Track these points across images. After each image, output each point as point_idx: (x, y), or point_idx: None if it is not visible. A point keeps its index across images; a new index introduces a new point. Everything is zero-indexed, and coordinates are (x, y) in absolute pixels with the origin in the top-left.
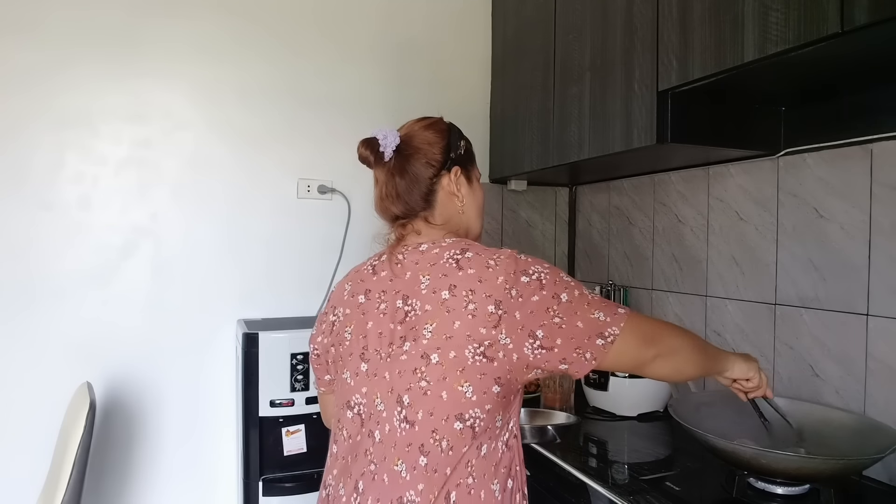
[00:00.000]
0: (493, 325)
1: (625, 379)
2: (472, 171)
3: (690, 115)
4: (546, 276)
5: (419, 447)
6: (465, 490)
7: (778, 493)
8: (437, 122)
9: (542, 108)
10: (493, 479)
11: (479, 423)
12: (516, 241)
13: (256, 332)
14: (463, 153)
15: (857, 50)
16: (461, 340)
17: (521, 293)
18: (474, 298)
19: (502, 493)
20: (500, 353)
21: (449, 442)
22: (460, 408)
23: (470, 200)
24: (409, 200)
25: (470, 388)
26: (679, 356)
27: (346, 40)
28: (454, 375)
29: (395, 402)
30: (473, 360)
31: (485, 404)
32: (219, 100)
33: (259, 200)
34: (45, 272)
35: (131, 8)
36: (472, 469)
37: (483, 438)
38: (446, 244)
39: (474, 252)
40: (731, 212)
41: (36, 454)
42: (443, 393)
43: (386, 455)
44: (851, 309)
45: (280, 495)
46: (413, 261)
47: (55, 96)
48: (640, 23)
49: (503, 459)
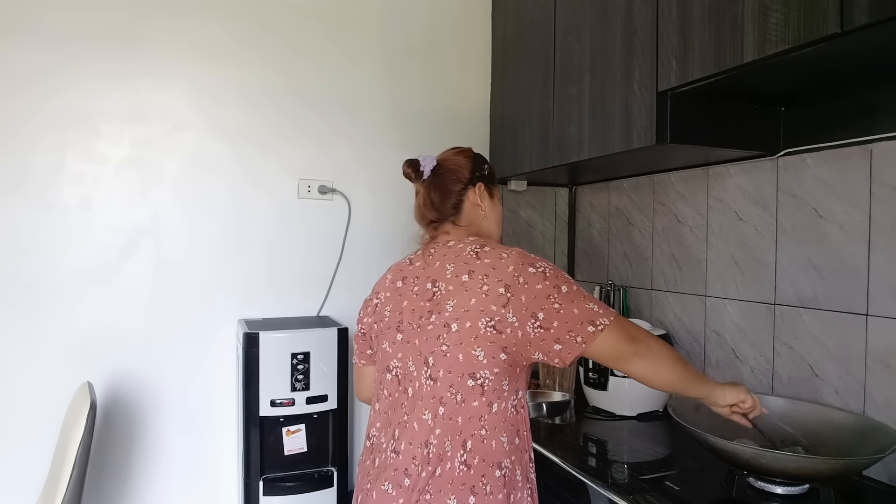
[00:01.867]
0: (503, 305)
1: (624, 379)
2: (494, 189)
3: (690, 116)
4: (550, 271)
5: (440, 399)
6: (479, 439)
7: (777, 493)
8: (467, 150)
9: (542, 109)
10: (502, 432)
11: (489, 383)
12: (516, 240)
13: (257, 332)
14: (486, 174)
15: (857, 50)
16: (476, 314)
17: (528, 281)
18: (488, 281)
19: (510, 445)
20: (507, 328)
21: (462, 395)
22: (473, 368)
23: (491, 211)
24: (441, 209)
25: (482, 353)
26: (658, 360)
27: (347, 40)
28: (469, 341)
29: (423, 363)
30: (485, 331)
31: (493, 367)
32: (219, 99)
33: (260, 200)
34: (45, 272)
35: (132, 7)
36: (484, 422)
37: (492, 397)
38: (469, 241)
39: (490, 247)
40: (731, 212)
41: (37, 454)
42: (459, 355)
43: (415, 406)
44: (851, 309)
45: (280, 495)
46: (442, 253)
47: (55, 96)
48: (639, 23)
49: (511, 419)
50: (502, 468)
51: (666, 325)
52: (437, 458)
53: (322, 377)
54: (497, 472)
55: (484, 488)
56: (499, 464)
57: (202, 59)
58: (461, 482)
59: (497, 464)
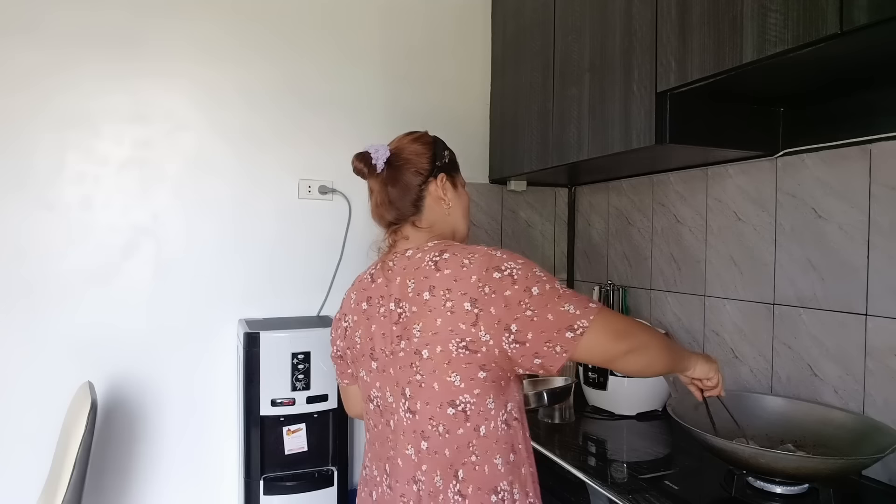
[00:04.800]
0: (472, 323)
1: (624, 378)
2: (457, 178)
3: (689, 116)
4: (518, 272)
5: (421, 433)
6: (470, 467)
7: (777, 493)
8: (423, 135)
9: (542, 109)
10: (495, 455)
11: (470, 407)
12: (516, 241)
13: (258, 332)
14: (447, 162)
15: (857, 50)
16: (445, 336)
17: (494, 289)
18: (451, 297)
19: (505, 466)
20: (482, 347)
21: (445, 426)
22: (451, 395)
23: (455, 203)
24: (400, 207)
25: (458, 377)
26: (649, 352)
27: (347, 41)
28: (442, 367)
29: (400, 394)
30: (458, 353)
31: (473, 389)
32: (220, 100)
33: (260, 200)
34: (46, 272)
35: (133, 8)
36: (474, 448)
37: (478, 420)
38: (428, 248)
39: (451, 253)
40: (730, 212)
41: (37, 453)
42: (434, 384)
43: (398, 441)
44: (850, 309)
45: (281, 494)
46: (401, 266)
47: (56, 96)
48: (638, 24)
49: (503, 437)
50: (499, 492)
51: (665, 325)
52: (428, 496)
53: (322, 377)
54: (493, 498)
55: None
56: (494, 488)
57: (203, 60)
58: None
59: (493, 489)
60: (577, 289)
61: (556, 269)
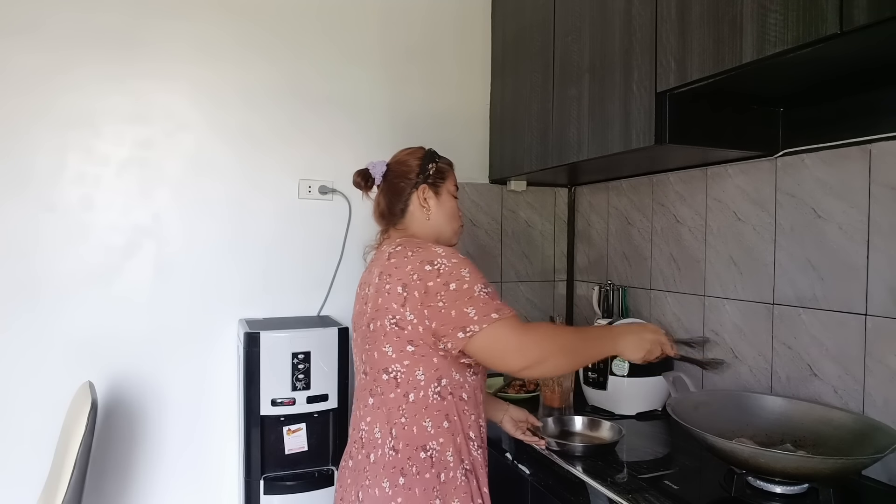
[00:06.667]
0: (401, 304)
1: (623, 378)
2: (442, 187)
3: (689, 116)
4: (445, 268)
5: (369, 391)
6: (401, 426)
7: (777, 493)
8: (417, 150)
9: (542, 109)
10: (425, 418)
11: (401, 376)
12: (516, 241)
13: (258, 332)
14: (432, 173)
15: (856, 50)
16: (383, 312)
17: (421, 278)
18: (390, 281)
19: (436, 429)
20: (408, 325)
21: (381, 389)
22: (385, 363)
23: (437, 210)
24: (391, 213)
25: (390, 348)
26: (550, 362)
27: (347, 41)
28: (380, 339)
29: (361, 360)
30: (391, 328)
31: (403, 360)
32: (220, 100)
33: (260, 200)
34: (47, 272)
35: (133, 9)
36: (403, 412)
37: (407, 388)
38: (393, 243)
39: (402, 247)
40: (730, 212)
41: (37, 453)
42: (374, 353)
43: (358, 397)
44: (850, 309)
45: (281, 493)
46: (375, 258)
47: (57, 97)
48: (638, 24)
49: (435, 405)
50: (427, 450)
51: (665, 324)
52: (370, 444)
53: (323, 376)
54: (422, 454)
55: (411, 469)
56: (423, 446)
57: (203, 60)
58: (392, 466)
59: (422, 446)
60: (576, 288)
61: (556, 269)
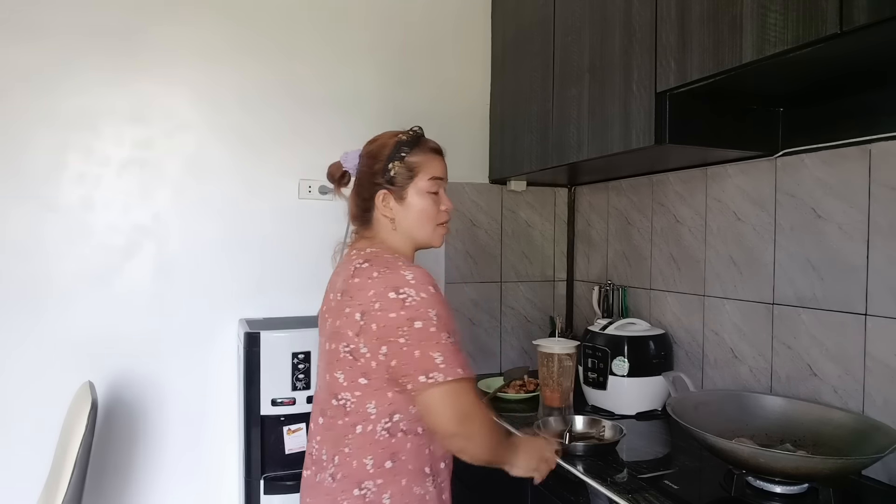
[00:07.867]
0: (356, 333)
1: (623, 378)
2: (409, 188)
3: (688, 116)
4: (412, 301)
5: (321, 410)
6: (344, 456)
7: (776, 493)
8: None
9: (542, 109)
10: (366, 455)
11: (350, 405)
12: (516, 241)
13: (258, 332)
14: (393, 175)
15: (856, 50)
16: (338, 337)
17: (383, 307)
18: (351, 304)
19: (377, 469)
20: (361, 358)
21: (330, 413)
22: (335, 389)
23: (403, 216)
24: (362, 218)
25: (342, 376)
26: (473, 442)
27: (346, 42)
28: (333, 363)
29: (320, 376)
30: (344, 355)
31: (354, 391)
32: (220, 101)
33: (260, 201)
34: (47, 272)
35: (133, 11)
36: (349, 441)
37: (356, 419)
38: (361, 254)
39: (369, 264)
40: (729, 212)
41: (37, 453)
42: (326, 375)
43: (314, 409)
44: (850, 309)
45: (281, 493)
46: (341, 264)
47: (58, 98)
48: (638, 24)
49: (381, 442)
50: (362, 488)
51: (665, 324)
52: (318, 464)
53: None
54: (356, 492)
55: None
56: (359, 483)
57: (202, 62)
58: (327, 492)
59: (357, 483)
60: (576, 288)
61: (556, 270)
